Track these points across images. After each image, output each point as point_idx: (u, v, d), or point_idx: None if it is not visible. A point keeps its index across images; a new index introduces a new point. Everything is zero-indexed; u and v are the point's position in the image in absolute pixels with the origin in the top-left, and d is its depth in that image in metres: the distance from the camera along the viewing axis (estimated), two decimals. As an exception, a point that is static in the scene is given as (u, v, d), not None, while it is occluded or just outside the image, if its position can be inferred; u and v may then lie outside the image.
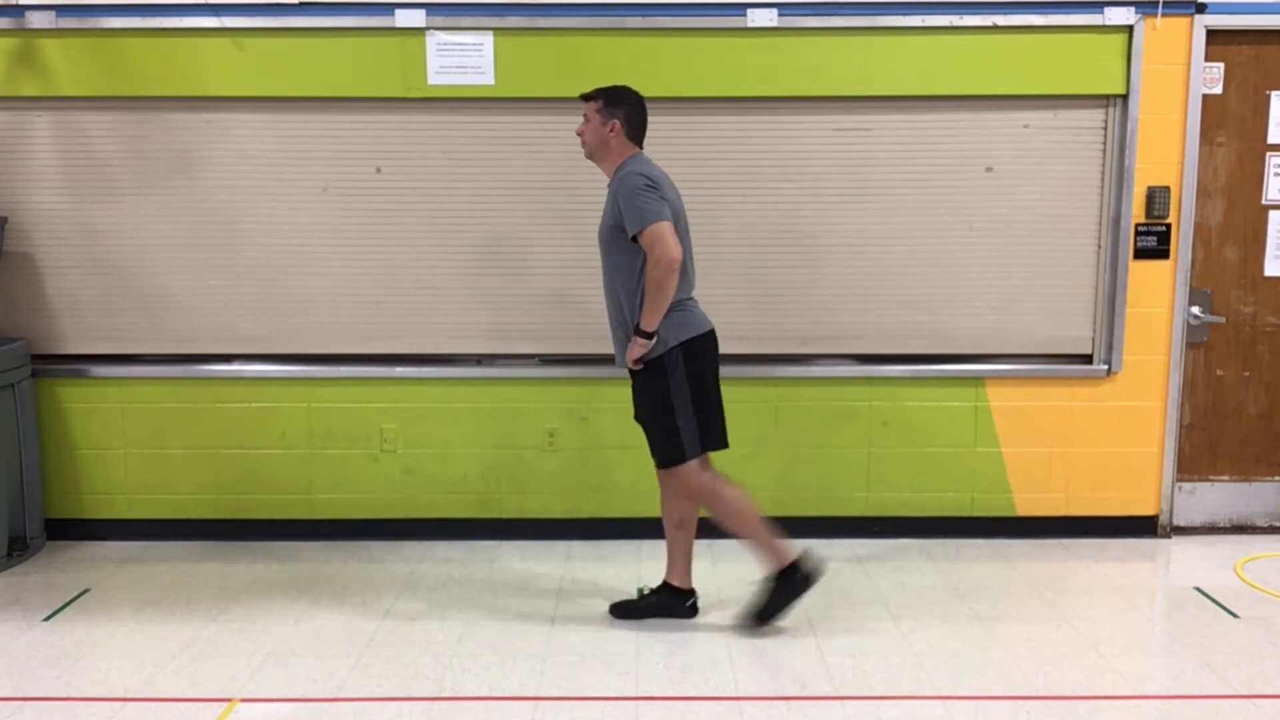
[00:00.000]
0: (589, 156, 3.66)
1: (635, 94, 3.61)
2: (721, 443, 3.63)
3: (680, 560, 3.73)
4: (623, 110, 3.56)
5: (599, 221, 3.61)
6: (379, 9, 4.27)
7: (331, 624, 3.72)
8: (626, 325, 3.54)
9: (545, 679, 3.29)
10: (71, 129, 4.41)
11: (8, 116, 4.40)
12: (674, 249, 3.34)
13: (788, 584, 3.61)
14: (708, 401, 3.56)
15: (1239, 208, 4.53)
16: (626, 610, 3.77)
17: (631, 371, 3.57)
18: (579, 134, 3.63)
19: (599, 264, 3.62)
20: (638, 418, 3.66)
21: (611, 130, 3.55)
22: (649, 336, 3.44)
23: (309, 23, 4.28)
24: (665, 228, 3.36)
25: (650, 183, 3.42)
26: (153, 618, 3.77)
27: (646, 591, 3.84)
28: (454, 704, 3.14)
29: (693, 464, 3.55)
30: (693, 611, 3.75)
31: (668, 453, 3.55)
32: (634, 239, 3.40)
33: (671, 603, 3.74)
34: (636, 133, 3.61)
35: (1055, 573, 4.21)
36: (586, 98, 3.62)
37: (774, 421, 4.54)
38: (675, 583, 3.75)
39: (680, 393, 3.49)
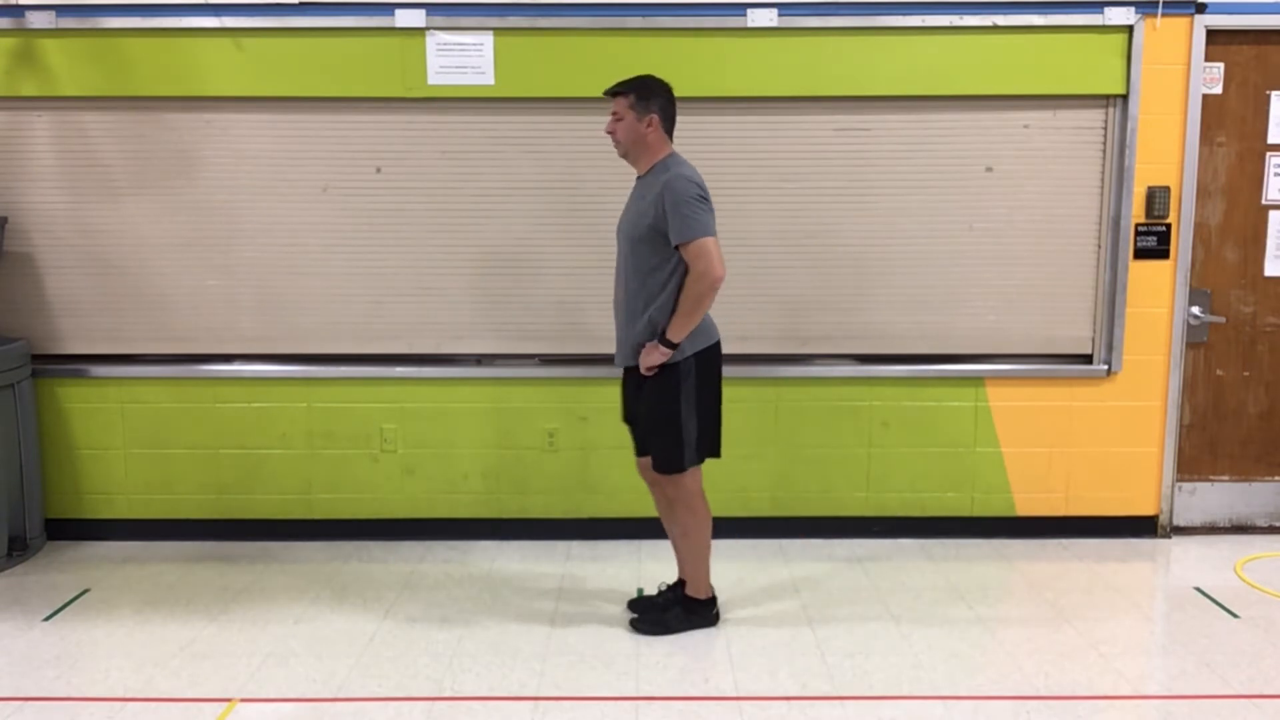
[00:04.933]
0: (623, 155, 3.48)
1: (665, 84, 3.44)
2: (717, 452, 3.57)
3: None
4: (658, 103, 3.38)
5: (618, 217, 3.52)
6: (379, 9, 4.27)
7: (331, 624, 3.72)
8: (637, 325, 3.43)
9: (545, 679, 3.29)
10: (71, 129, 4.41)
11: (8, 116, 4.40)
12: (719, 266, 3.25)
13: (699, 614, 3.63)
14: (712, 411, 3.51)
15: (1239, 208, 4.53)
16: (646, 606, 3.74)
17: (635, 375, 3.50)
18: (609, 132, 3.45)
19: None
20: (627, 419, 3.63)
21: (649, 125, 3.38)
22: (673, 347, 3.34)
23: (309, 23, 4.28)
24: (713, 244, 3.26)
25: (702, 193, 3.29)
26: (153, 618, 3.77)
27: (648, 593, 3.84)
28: (454, 704, 3.14)
29: (694, 470, 3.51)
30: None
31: (669, 460, 3.47)
32: (676, 247, 3.29)
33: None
34: (671, 125, 3.44)
35: (1055, 573, 4.21)
36: (614, 93, 3.42)
37: (774, 421, 4.55)
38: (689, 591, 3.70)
39: (689, 401, 3.42)
